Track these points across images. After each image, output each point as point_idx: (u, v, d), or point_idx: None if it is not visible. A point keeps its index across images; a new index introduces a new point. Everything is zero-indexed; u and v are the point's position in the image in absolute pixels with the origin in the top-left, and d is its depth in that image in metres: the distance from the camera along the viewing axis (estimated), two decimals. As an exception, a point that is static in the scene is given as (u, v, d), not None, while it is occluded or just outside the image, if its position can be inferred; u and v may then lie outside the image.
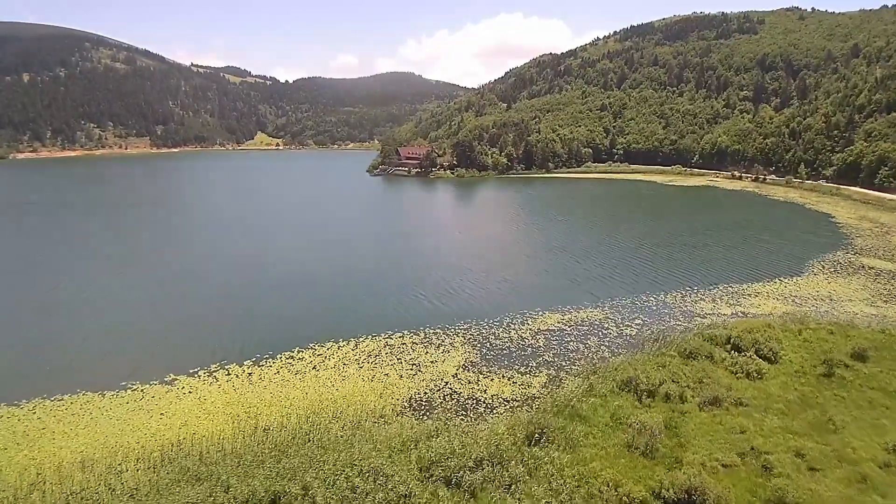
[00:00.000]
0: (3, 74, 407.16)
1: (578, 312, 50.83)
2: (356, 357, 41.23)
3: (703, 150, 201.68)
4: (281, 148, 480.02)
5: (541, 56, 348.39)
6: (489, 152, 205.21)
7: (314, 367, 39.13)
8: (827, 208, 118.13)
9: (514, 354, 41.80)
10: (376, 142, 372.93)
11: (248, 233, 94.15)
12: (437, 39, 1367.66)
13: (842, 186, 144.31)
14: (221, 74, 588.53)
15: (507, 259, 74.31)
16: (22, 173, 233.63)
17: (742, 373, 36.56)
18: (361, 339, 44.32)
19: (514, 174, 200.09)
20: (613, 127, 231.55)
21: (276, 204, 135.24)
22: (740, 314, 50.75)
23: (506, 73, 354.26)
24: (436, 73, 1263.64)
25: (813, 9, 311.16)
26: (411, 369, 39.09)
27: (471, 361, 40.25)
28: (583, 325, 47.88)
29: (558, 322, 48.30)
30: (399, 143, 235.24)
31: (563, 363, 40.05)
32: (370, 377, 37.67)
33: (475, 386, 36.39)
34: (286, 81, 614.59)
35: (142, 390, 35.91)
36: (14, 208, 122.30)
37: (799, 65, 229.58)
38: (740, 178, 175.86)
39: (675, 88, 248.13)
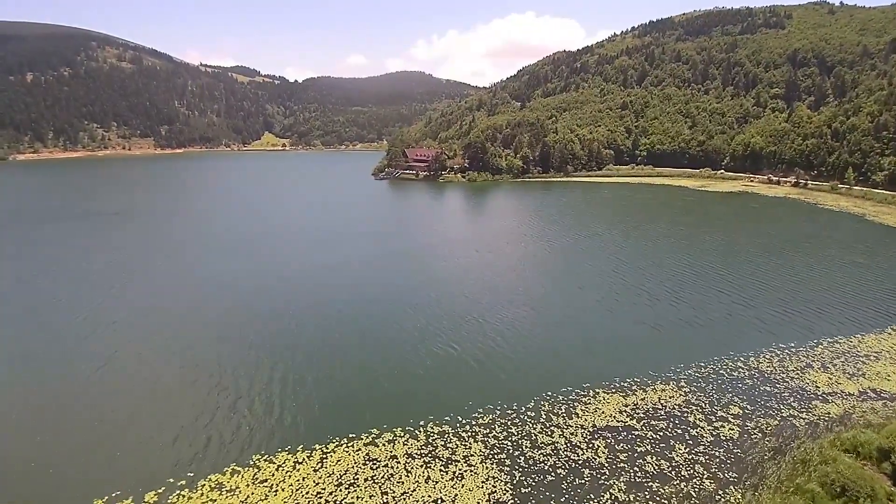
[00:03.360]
0: (7, 74, 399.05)
1: (645, 392, 36.16)
2: (317, 488, 26.87)
3: (734, 152, 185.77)
4: (287, 148, 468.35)
5: (555, 53, 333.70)
6: (503, 154, 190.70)
7: (244, 520, 25.09)
8: (892, 220, 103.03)
9: (566, 483, 27.22)
10: (385, 142, 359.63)
11: (215, 257, 79.31)
12: (448, 39, 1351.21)
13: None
14: (230, 74, 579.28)
15: (536, 295, 59.84)
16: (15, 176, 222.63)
17: (938, 530, 22.49)
18: (331, 447, 30.19)
19: (529, 178, 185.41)
20: (636, 127, 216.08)
21: (264, 213, 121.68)
22: (871, 393, 36.19)
23: (518, 72, 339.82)
24: (446, 73, 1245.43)
25: (842, 3, 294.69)
26: (403, 522, 24.99)
27: (498, 502, 26.02)
28: (657, 418, 33.20)
29: (620, 411, 33.74)
30: (407, 144, 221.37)
31: (647, 504, 25.83)
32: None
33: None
34: (295, 81, 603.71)
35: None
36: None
37: (833, 61, 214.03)
38: (778, 182, 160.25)
39: (700, 86, 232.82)
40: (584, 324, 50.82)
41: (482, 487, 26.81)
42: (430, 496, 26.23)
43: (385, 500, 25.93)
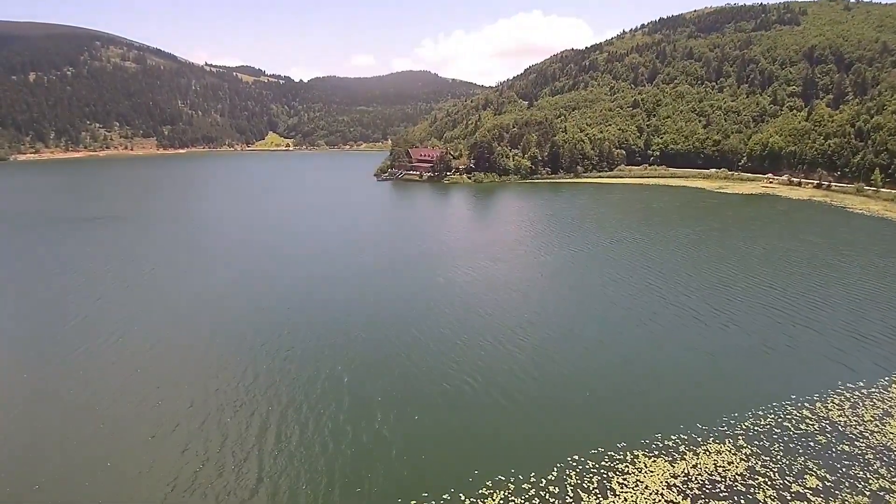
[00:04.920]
0: (10, 74, 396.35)
1: (697, 455, 28.80)
2: None
3: (751, 152, 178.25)
4: (291, 148, 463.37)
5: (563, 51, 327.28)
6: (511, 154, 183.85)
7: None
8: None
9: None
10: (389, 142, 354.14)
11: (199, 270, 72.80)
12: (454, 39, 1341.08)
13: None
14: (234, 74, 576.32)
15: (560, 313, 53.04)
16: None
17: None
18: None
19: (538, 179, 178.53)
20: (648, 126, 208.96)
21: (256, 220, 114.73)
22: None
23: (525, 70, 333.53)
24: (452, 73, 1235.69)
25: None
26: None
27: None
28: (717, 497, 25.73)
29: (668, 484, 26.51)
30: (411, 144, 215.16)
31: None
32: None
33: None
34: (300, 81, 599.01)
35: None
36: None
37: (851, 58, 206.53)
38: (799, 184, 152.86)
39: (713, 83, 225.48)
40: (617, 354, 43.58)
41: None
42: None
43: None
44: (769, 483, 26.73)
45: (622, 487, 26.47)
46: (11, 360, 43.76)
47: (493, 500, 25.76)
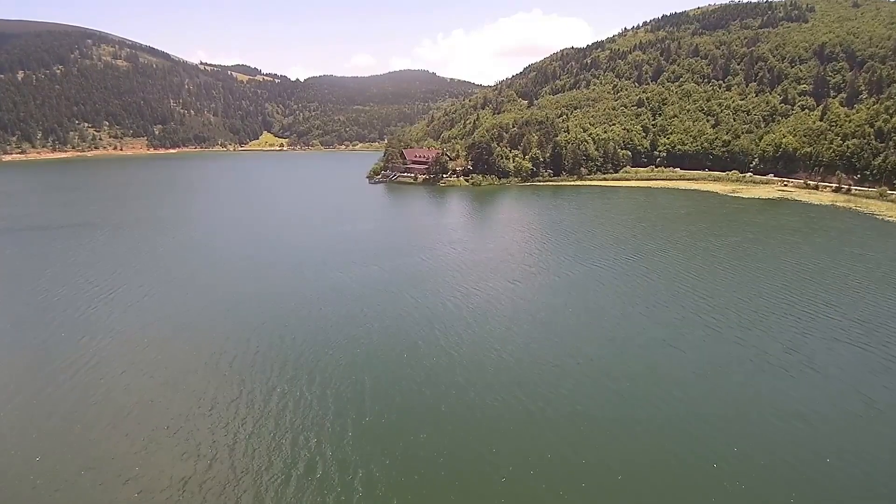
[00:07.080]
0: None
1: None
2: None
3: (763, 153, 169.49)
4: (285, 149, 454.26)
5: (563, 49, 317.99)
6: (510, 155, 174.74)
7: None
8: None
9: None
10: (386, 142, 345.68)
11: (157, 296, 64.34)
12: (454, 39, 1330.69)
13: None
14: (229, 73, 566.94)
15: (600, 353, 43.54)
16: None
17: None
18: None
19: (539, 181, 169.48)
20: (653, 125, 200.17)
21: (228, 232, 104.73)
22: None
23: (525, 69, 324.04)
24: (452, 72, 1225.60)
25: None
26: None
27: None
28: None
29: None
30: (406, 144, 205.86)
31: None
32: None
33: None
34: (296, 80, 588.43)
35: None
36: None
37: (863, 55, 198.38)
38: (816, 187, 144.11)
39: (721, 82, 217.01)
40: (679, 426, 33.18)
41: None
42: None
43: None
44: None
45: None
46: None
47: None
